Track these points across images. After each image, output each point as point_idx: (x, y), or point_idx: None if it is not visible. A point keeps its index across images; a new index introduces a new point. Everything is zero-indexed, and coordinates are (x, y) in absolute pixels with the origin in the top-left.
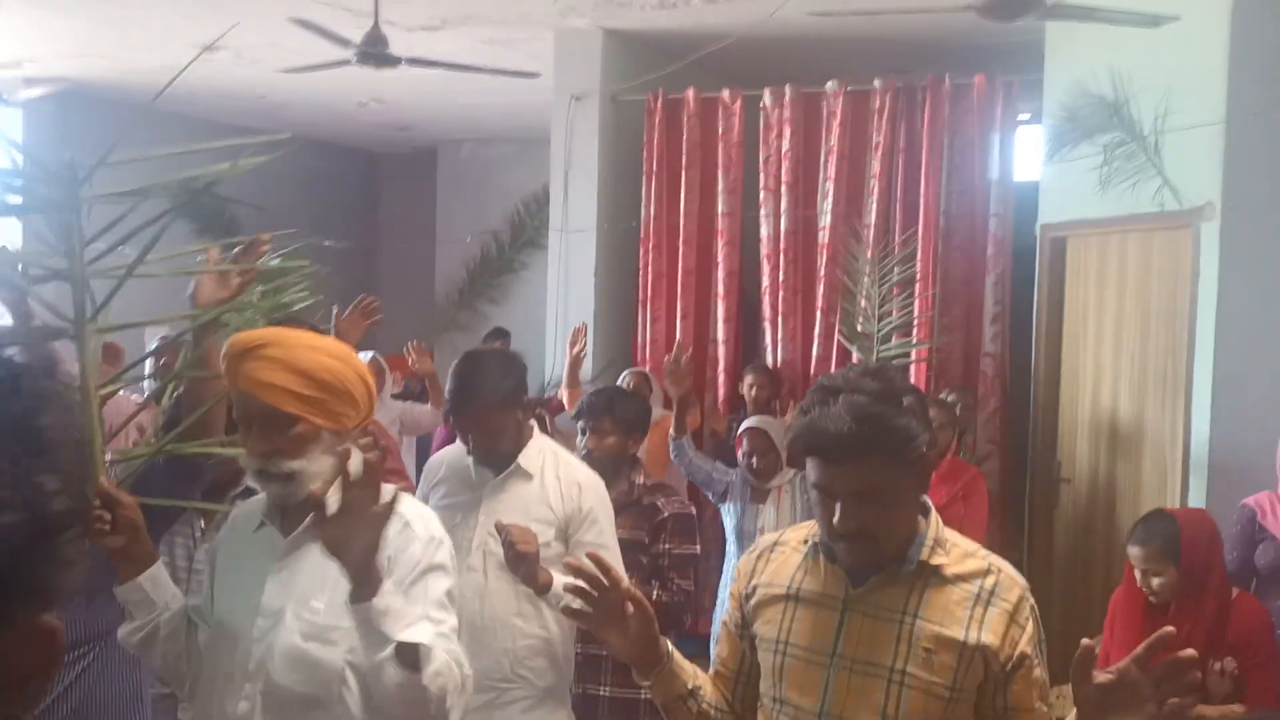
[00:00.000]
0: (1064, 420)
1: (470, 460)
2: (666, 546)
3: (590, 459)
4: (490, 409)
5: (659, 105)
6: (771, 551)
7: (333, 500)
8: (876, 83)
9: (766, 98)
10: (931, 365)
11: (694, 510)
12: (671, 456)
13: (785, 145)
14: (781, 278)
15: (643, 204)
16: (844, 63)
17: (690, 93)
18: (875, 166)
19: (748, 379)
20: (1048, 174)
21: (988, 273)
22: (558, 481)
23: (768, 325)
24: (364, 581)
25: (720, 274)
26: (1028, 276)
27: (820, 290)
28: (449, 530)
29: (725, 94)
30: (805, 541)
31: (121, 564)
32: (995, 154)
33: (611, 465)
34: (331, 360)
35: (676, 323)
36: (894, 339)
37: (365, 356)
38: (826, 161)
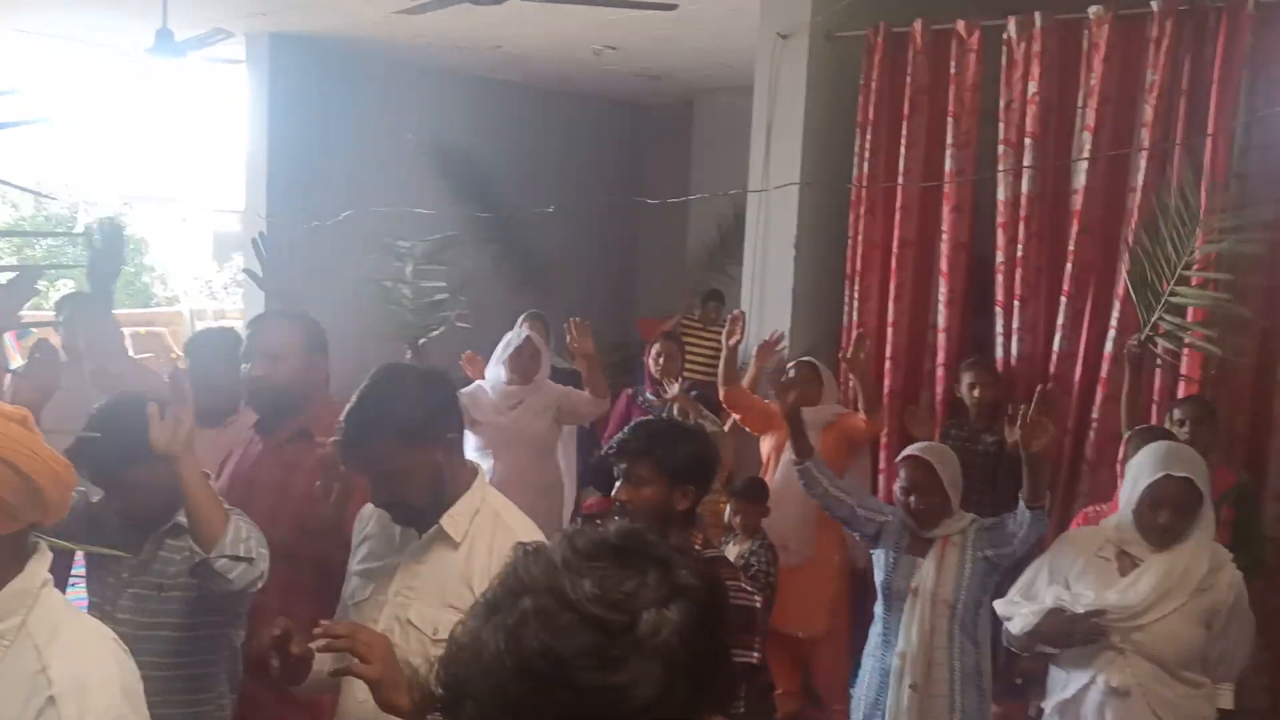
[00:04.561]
0: None
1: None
2: None
3: (624, 514)
4: (388, 444)
5: (880, 41)
6: None
7: None
8: (1154, 5)
9: (1011, 28)
10: (1208, 367)
11: (758, 600)
12: (800, 483)
13: (1033, 88)
14: (1020, 253)
15: (855, 161)
16: None
17: (917, 25)
18: (1148, 113)
19: (966, 378)
20: None
21: None
22: (489, 554)
23: (1000, 311)
24: None
25: (945, 246)
26: None
27: (1069, 270)
28: (357, 607)
29: (960, 25)
30: None
31: None
32: None
33: (650, 525)
34: None
35: (890, 303)
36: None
37: (520, 322)
38: (1085, 108)
